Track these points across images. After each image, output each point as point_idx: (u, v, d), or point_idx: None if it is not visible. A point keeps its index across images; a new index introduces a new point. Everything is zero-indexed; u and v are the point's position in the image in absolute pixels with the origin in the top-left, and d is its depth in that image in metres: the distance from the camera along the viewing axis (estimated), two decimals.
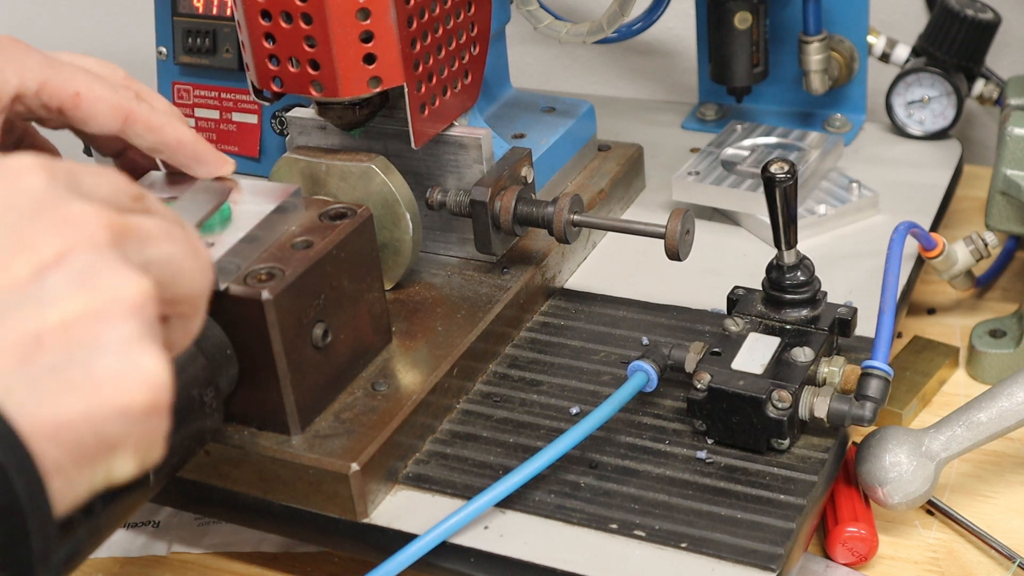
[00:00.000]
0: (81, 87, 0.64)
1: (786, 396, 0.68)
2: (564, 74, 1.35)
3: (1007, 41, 1.14)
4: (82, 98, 0.64)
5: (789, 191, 0.72)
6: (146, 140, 0.66)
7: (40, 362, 0.38)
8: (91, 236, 0.40)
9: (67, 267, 0.39)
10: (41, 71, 0.64)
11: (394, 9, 0.72)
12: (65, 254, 0.40)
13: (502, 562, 0.65)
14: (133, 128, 0.66)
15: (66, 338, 0.39)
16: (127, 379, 0.39)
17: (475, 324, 0.78)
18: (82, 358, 0.39)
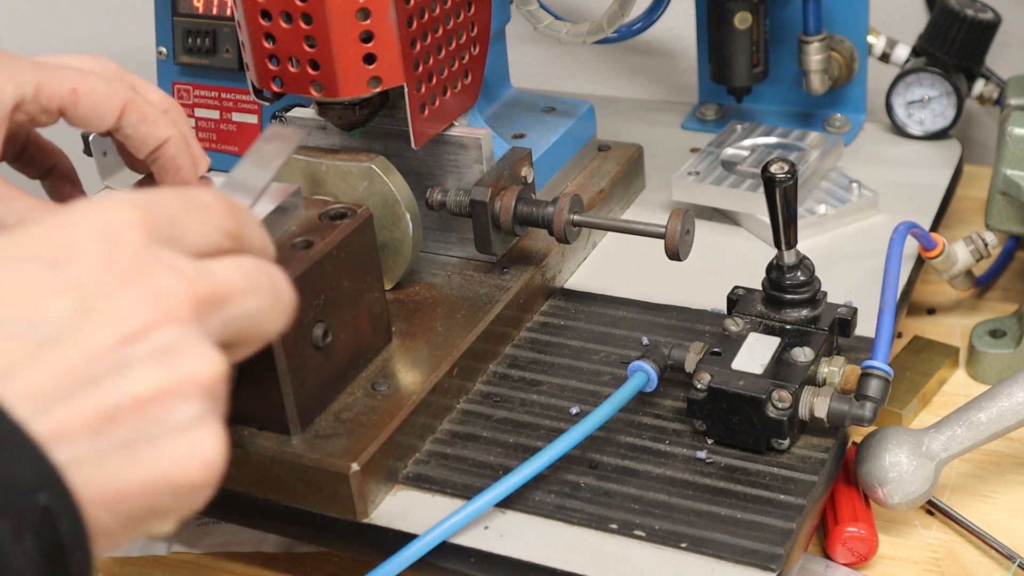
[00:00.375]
0: (77, 83, 0.64)
1: (786, 396, 0.68)
2: (564, 74, 1.35)
3: (1007, 41, 1.14)
4: (80, 93, 0.64)
5: (789, 191, 0.72)
6: (138, 132, 0.66)
7: (112, 435, 0.39)
8: (176, 311, 0.41)
9: (150, 341, 0.40)
10: (34, 74, 0.63)
11: (394, 9, 0.72)
12: (150, 328, 0.40)
13: (502, 562, 0.65)
14: (128, 118, 0.65)
15: (139, 413, 0.39)
16: (187, 459, 0.40)
17: (475, 324, 0.78)
18: (149, 434, 0.39)
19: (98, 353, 0.39)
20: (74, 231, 0.42)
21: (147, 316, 0.40)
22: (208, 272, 0.43)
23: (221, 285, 0.43)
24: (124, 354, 0.39)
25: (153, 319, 0.40)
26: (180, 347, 0.41)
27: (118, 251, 0.41)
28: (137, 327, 0.40)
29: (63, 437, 0.38)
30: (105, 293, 0.40)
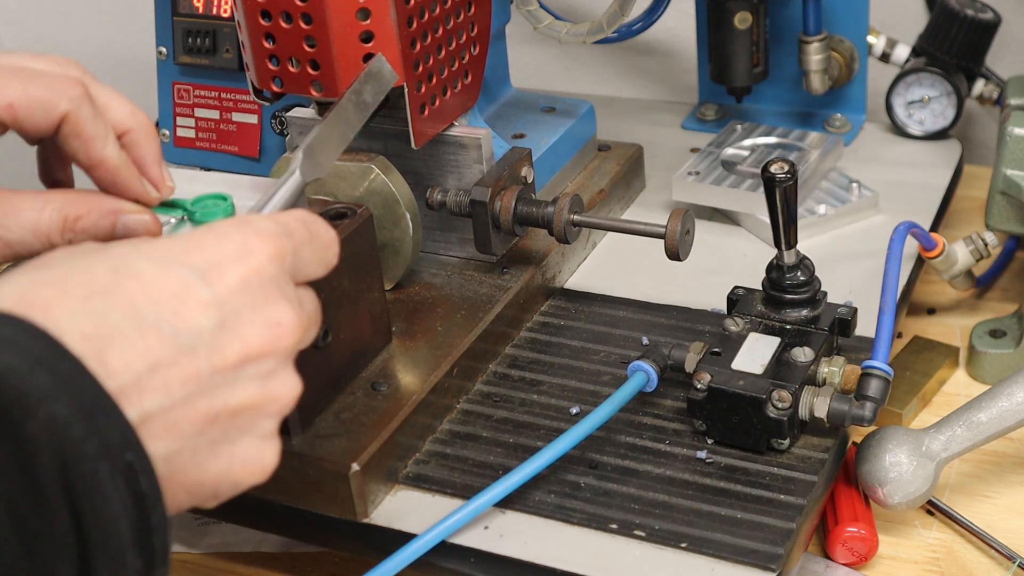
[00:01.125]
0: (13, 96, 0.58)
1: (786, 396, 0.68)
2: (564, 74, 1.35)
3: (1007, 41, 1.14)
4: (16, 108, 0.58)
5: (789, 191, 0.72)
6: (69, 147, 0.60)
7: (208, 434, 0.46)
8: (285, 341, 0.49)
9: (260, 365, 0.48)
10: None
11: (394, 9, 0.72)
12: (264, 354, 0.48)
13: (502, 562, 0.65)
14: (62, 131, 0.59)
15: (232, 420, 0.47)
16: (253, 464, 0.49)
17: (475, 324, 0.78)
18: (233, 438, 0.48)
19: (222, 367, 0.46)
20: (221, 251, 0.48)
21: (265, 343, 0.48)
22: (306, 308, 0.52)
23: (314, 319, 0.53)
24: (239, 372, 0.47)
25: (269, 346, 0.48)
26: (279, 375, 0.49)
27: (254, 278, 0.48)
28: (255, 351, 0.47)
29: (175, 432, 0.45)
30: (238, 315, 0.47)
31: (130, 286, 0.45)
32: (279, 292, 0.49)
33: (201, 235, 0.49)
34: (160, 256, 0.47)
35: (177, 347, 0.45)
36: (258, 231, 0.49)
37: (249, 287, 0.48)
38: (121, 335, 0.44)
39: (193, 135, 1.02)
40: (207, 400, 0.46)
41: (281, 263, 0.50)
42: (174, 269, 0.46)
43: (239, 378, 0.47)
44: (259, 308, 0.48)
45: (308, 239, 0.52)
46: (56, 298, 0.44)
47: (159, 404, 0.44)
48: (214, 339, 0.46)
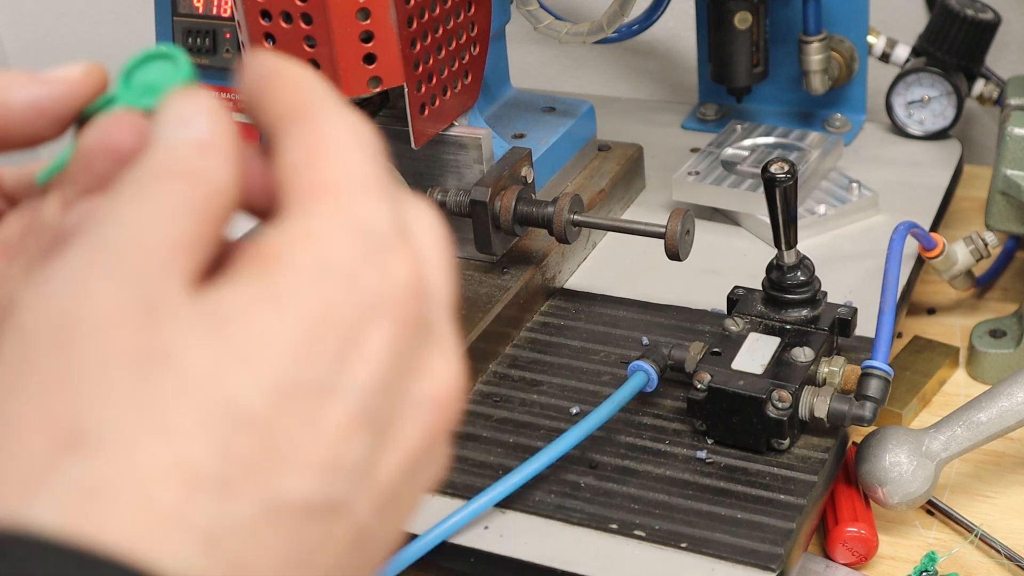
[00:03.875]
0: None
1: (786, 396, 0.68)
2: (564, 74, 1.35)
3: (1007, 41, 1.14)
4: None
5: (789, 191, 0.72)
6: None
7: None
8: (453, 416, 0.35)
9: (423, 467, 0.34)
10: None
11: (394, 9, 0.72)
12: (428, 452, 0.33)
13: (502, 562, 0.65)
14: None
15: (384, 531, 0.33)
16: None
17: (475, 324, 0.78)
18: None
19: (381, 500, 0.31)
20: (351, 308, 0.31)
21: (429, 433, 0.34)
22: (453, 331, 0.37)
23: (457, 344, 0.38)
24: (398, 491, 0.32)
25: (434, 434, 0.33)
26: (438, 455, 0.36)
27: (403, 336, 0.32)
28: (419, 452, 0.33)
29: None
30: (393, 412, 0.31)
31: (244, 445, 0.28)
32: (431, 339, 0.32)
33: (304, 280, 0.29)
34: (259, 370, 0.28)
35: (324, 520, 0.29)
36: (383, 239, 0.31)
37: (401, 355, 0.31)
38: (247, 548, 0.28)
39: None
40: (360, 551, 0.31)
41: (423, 288, 0.32)
42: (287, 383, 0.28)
43: (397, 497, 0.32)
44: (414, 382, 0.32)
45: (443, 279, 0.34)
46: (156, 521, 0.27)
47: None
48: (368, 474, 0.30)
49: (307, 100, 0.33)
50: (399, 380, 0.31)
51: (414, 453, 0.32)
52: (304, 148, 0.32)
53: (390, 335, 0.30)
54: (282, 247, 0.30)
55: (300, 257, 0.30)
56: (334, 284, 0.30)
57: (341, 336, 0.29)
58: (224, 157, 0.31)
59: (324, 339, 0.29)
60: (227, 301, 0.29)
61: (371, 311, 0.30)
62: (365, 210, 0.31)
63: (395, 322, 0.30)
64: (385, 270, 0.31)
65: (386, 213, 0.31)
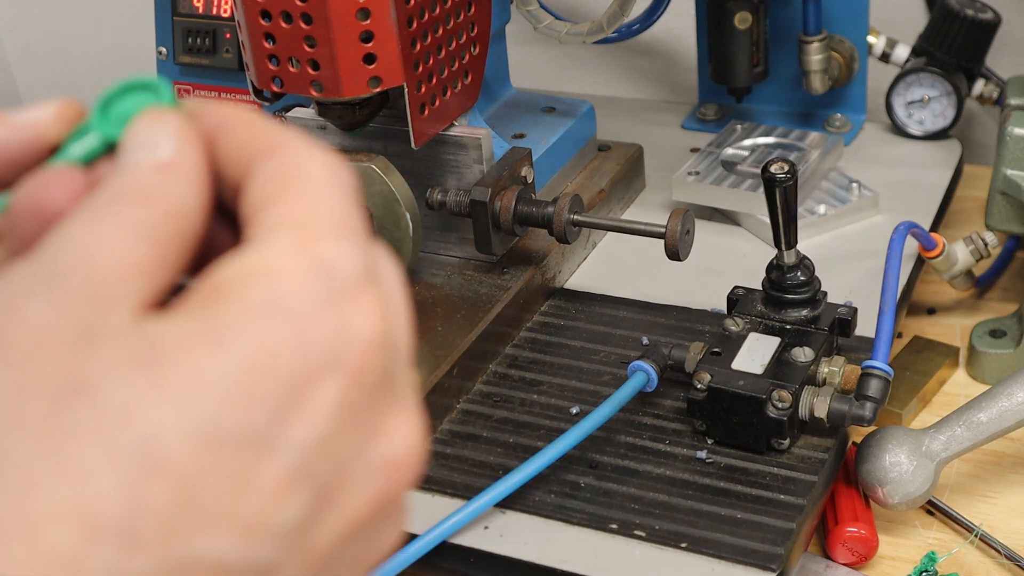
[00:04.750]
0: None
1: (786, 396, 0.68)
2: (564, 74, 1.35)
3: (1007, 41, 1.14)
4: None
5: (789, 191, 0.72)
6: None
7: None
8: (409, 481, 0.31)
9: (373, 531, 0.31)
10: None
11: (394, 9, 0.72)
12: (378, 517, 0.30)
13: (502, 562, 0.65)
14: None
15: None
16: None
17: (475, 324, 0.78)
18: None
19: (319, 559, 0.29)
20: (304, 355, 0.28)
21: (380, 497, 0.30)
22: (413, 395, 0.36)
23: (420, 410, 0.36)
24: (342, 551, 0.30)
25: (385, 499, 0.31)
26: (394, 518, 0.32)
27: (356, 391, 0.29)
28: (368, 517, 0.30)
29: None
30: (338, 475, 0.29)
31: (158, 493, 0.25)
32: (390, 397, 0.30)
33: (250, 319, 0.27)
34: (197, 413, 0.26)
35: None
36: (348, 285, 0.28)
37: (353, 414, 0.28)
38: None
39: None
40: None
41: (388, 354, 0.30)
42: (216, 431, 0.26)
43: (339, 564, 0.29)
44: (368, 443, 0.29)
45: (399, 320, 0.33)
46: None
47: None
48: (302, 538, 0.27)
49: (278, 136, 0.31)
50: (349, 440, 0.28)
51: (362, 519, 0.29)
52: (273, 180, 0.30)
53: (341, 391, 0.27)
54: (233, 281, 0.27)
55: (250, 293, 0.27)
56: (283, 328, 0.27)
57: (284, 387, 0.26)
58: (187, 179, 0.29)
59: (264, 388, 0.26)
60: (165, 334, 0.26)
61: (322, 363, 0.27)
62: (331, 250, 0.28)
63: (349, 378, 0.28)
64: (344, 319, 0.28)
65: (354, 256, 0.29)
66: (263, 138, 0.30)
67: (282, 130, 0.31)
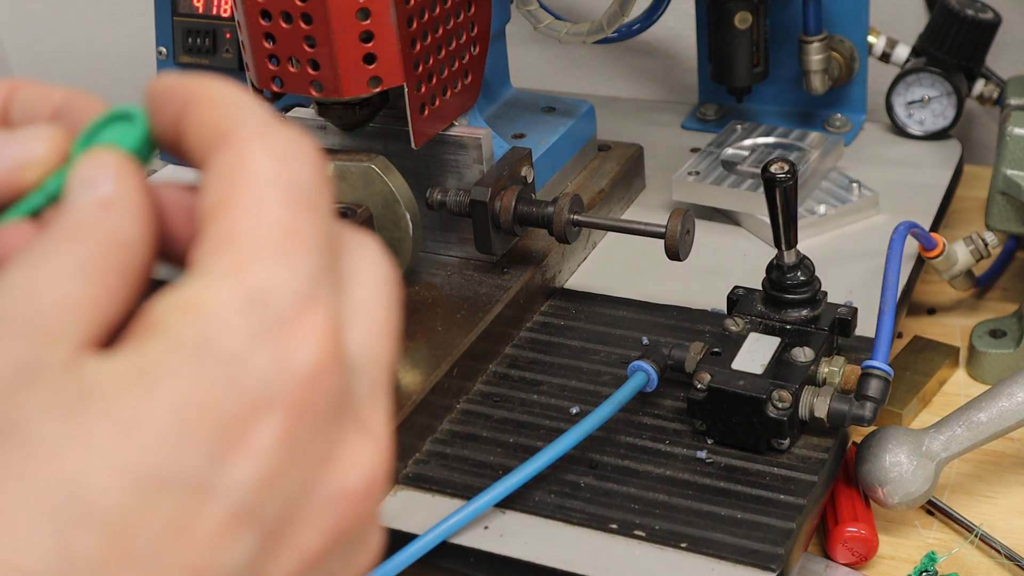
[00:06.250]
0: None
1: (786, 396, 0.68)
2: (564, 74, 1.35)
3: (1007, 41, 1.14)
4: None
5: (789, 191, 0.72)
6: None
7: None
8: (368, 510, 0.30)
9: (330, 561, 0.30)
10: None
11: (394, 9, 0.72)
12: (333, 549, 0.29)
13: (502, 562, 0.65)
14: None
15: None
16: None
17: (475, 324, 0.78)
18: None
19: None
20: (236, 392, 0.27)
21: (333, 532, 0.29)
22: (382, 419, 0.33)
23: (389, 434, 0.34)
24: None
25: (341, 532, 0.29)
26: (356, 547, 0.31)
27: (301, 424, 0.28)
28: (321, 551, 0.29)
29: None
30: (287, 511, 0.28)
31: (90, 543, 0.24)
32: (345, 423, 0.28)
33: (182, 358, 0.26)
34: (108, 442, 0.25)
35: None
36: (285, 312, 0.27)
37: (297, 449, 0.27)
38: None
39: None
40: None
41: (337, 367, 0.28)
42: (149, 476, 0.25)
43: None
44: (319, 475, 0.28)
45: (366, 356, 0.30)
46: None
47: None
48: (257, 575, 0.27)
49: (227, 122, 0.29)
50: (295, 475, 0.27)
51: (318, 551, 0.28)
52: (218, 183, 0.28)
53: (282, 427, 0.26)
54: (165, 316, 0.27)
55: (181, 330, 0.26)
56: (215, 368, 0.26)
57: (220, 427, 0.25)
58: (128, 213, 0.28)
59: (198, 429, 0.25)
60: (98, 374, 0.25)
61: (258, 401, 0.26)
62: (266, 275, 0.27)
63: (290, 412, 0.26)
64: (281, 353, 0.26)
65: (293, 278, 0.27)
66: (218, 125, 0.29)
67: (237, 113, 0.29)
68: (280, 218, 0.28)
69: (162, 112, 0.30)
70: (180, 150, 0.30)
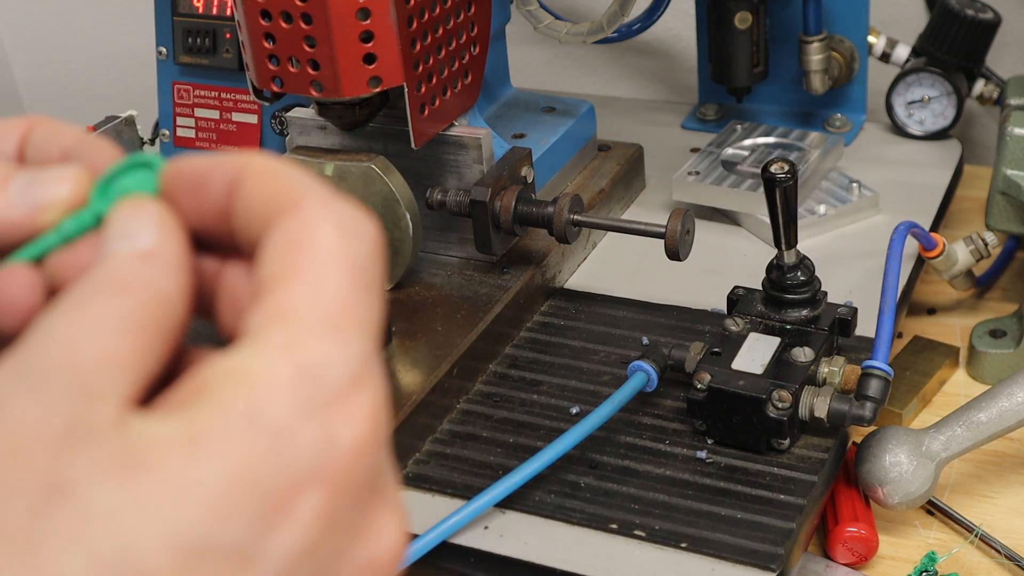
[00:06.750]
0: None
1: (786, 396, 0.68)
2: (564, 74, 1.35)
3: (1007, 41, 1.14)
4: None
5: (789, 191, 0.72)
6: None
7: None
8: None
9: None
10: None
11: (394, 9, 0.72)
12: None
13: (502, 562, 0.65)
14: None
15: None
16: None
17: (475, 324, 0.78)
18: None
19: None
20: (285, 464, 0.28)
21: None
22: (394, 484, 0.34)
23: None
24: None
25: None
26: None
27: (341, 498, 0.29)
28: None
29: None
30: (345, 525, 0.29)
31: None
32: (376, 498, 0.29)
33: (232, 429, 0.26)
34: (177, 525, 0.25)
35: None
36: (335, 392, 0.28)
37: (337, 522, 0.28)
38: None
39: (193, 135, 1.02)
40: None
41: (378, 448, 0.28)
42: (197, 542, 0.25)
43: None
44: (352, 546, 0.28)
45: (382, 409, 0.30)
46: None
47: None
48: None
49: (292, 192, 0.29)
50: (332, 547, 0.27)
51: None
52: (280, 254, 0.29)
53: (324, 502, 0.27)
54: (217, 383, 0.27)
55: (232, 401, 0.26)
56: (263, 439, 0.26)
57: (265, 498, 0.26)
58: (169, 267, 0.29)
59: (245, 499, 0.26)
60: (148, 436, 0.26)
61: (304, 475, 0.27)
62: (320, 353, 0.27)
63: (332, 488, 0.27)
64: (328, 431, 0.27)
65: (346, 359, 0.28)
66: (281, 195, 0.30)
67: (300, 184, 0.30)
68: (339, 295, 0.28)
69: (200, 188, 0.30)
70: (217, 226, 0.30)
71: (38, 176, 0.31)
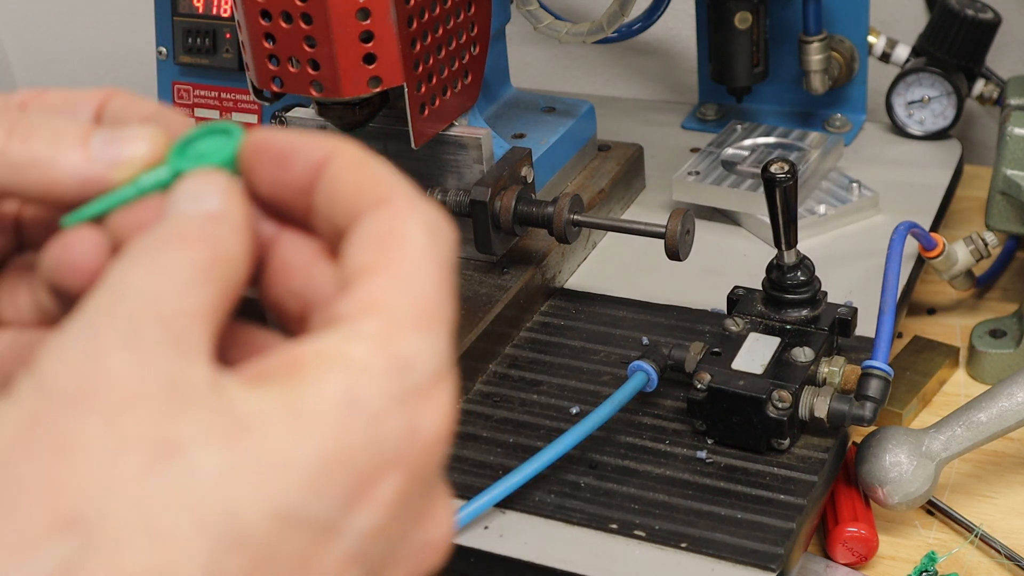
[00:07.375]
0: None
1: (786, 396, 0.68)
2: (564, 74, 1.35)
3: (1007, 41, 1.14)
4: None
5: (789, 191, 0.72)
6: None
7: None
8: (441, 558, 0.33)
9: None
10: None
11: (394, 9, 0.72)
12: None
13: (502, 562, 0.65)
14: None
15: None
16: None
17: (475, 324, 0.78)
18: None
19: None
20: (376, 449, 0.29)
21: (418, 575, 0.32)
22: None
23: None
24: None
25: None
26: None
27: (416, 484, 0.31)
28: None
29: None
30: (386, 558, 0.30)
31: (236, 566, 0.26)
32: (437, 486, 0.31)
33: (329, 408, 0.28)
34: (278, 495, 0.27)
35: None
36: (423, 384, 0.29)
37: (408, 505, 0.29)
38: None
39: None
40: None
41: (452, 432, 0.31)
42: (292, 512, 0.27)
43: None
44: (415, 528, 0.30)
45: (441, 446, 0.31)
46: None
47: None
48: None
49: (383, 187, 0.31)
50: (401, 527, 0.29)
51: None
52: (372, 246, 0.30)
53: (402, 485, 0.29)
54: (315, 362, 0.28)
55: (330, 382, 0.28)
56: (359, 425, 0.28)
57: (354, 477, 0.28)
58: (236, 228, 0.30)
59: (337, 476, 0.27)
60: (250, 405, 0.27)
61: (389, 459, 0.28)
62: (412, 346, 0.29)
63: (411, 473, 0.29)
64: (414, 420, 0.29)
65: (433, 354, 0.29)
66: (371, 188, 0.31)
67: (390, 179, 0.31)
68: (428, 292, 0.30)
69: (283, 162, 0.31)
70: (293, 200, 0.31)
71: (118, 133, 0.32)
